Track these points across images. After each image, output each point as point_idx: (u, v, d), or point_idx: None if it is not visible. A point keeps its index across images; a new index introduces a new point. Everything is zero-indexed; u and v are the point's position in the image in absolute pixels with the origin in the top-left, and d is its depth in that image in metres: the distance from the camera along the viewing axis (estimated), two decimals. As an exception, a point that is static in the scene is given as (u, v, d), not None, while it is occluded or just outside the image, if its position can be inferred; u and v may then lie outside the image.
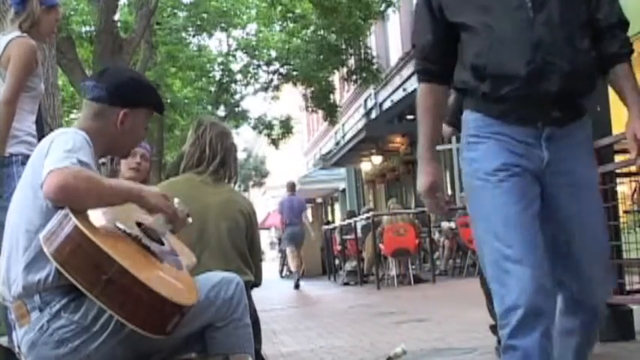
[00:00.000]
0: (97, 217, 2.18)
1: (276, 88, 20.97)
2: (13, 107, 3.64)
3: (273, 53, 20.21)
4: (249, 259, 3.43)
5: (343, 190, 29.41)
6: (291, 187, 16.11)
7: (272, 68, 20.41)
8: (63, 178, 2.08)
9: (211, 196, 3.35)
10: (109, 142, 2.44)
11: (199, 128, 3.52)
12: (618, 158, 4.58)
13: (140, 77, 2.89)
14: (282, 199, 15.97)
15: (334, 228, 16.58)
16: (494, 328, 4.56)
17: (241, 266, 3.34)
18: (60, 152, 2.17)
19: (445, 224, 12.84)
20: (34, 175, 2.24)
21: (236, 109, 21.55)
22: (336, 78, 22.25)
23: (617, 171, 4.47)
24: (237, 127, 25.77)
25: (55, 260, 2.08)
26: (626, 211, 4.68)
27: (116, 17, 11.92)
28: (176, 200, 2.56)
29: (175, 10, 18.57)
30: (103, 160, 3.32)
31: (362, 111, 25.41)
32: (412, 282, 11.66)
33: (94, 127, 2.40)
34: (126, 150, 2.58)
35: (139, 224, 2.34)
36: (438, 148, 2.59)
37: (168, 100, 17.87)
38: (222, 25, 19.44)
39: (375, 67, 19.19)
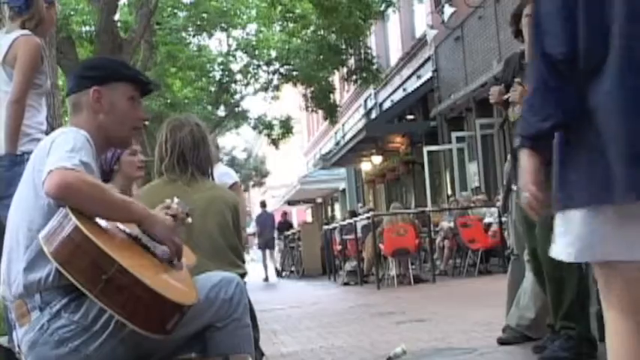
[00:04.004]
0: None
1: (276, 88, 20.99)
2: (23, 105, 3.68)
3: (273, 53, 20.23)
4: (241, 252, 3.42)
5: (343, 190, 29.43)
6: (263, 204, 20.93)
7: (272, 68, 20.43)
8: (63, 178, 2.08)
9: (193, 195, 3.30)
10: (101, 131, 2.41)
11: (162, 128, 3.52)
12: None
13: (107, 58, 2.90)
14: (258, 213, 20.90)
15: (334, 228, 16.60)
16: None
17: (234, 260, 3.32)
18: (62, 152, 2.16)
19: (445, 224, 12.85)
20: (35, 174, 2.24)
21: (236, 109, 21.56)
22: (336, 78, 22.26)
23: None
24: (237, 127, 25.82)
25: (55, 260, 2.07)
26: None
27: (116, 17, 11.92)
28: (175, 200, 2.56)
29: (175, 10, 18.59)
30: None
31: (362, 111, 25.42)
32: (412, 282, 11.65)
33: (79, 120, 2.40)
34: (123, 135, 2.50)
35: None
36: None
37: (168, 100, 17.89)
38: (222, 25, 19.46)
39: (375, 67, 19.21)
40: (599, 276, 1.98)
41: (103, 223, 2.19)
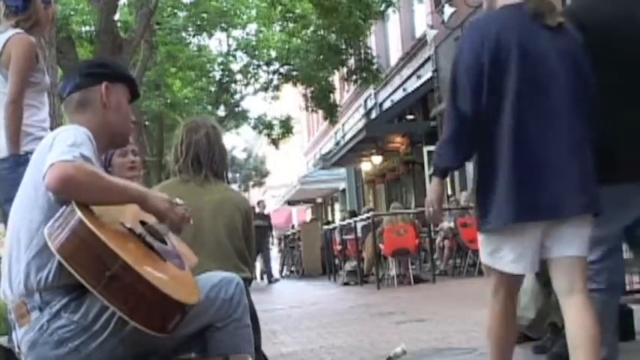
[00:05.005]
0: (102, 214, 2.18)
1: (276, 88, 20.97)
2: (20, 105, 3.69)
3: (273, 53, 20.22)
4: (247, 256, 3.43)
5: (343, 190, 29.42)
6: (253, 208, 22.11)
7: (272, 68, 20.42)
8: (64, 170, 2.08)
9: (204, 196, 3.35)
10: (105, 129, 2.42)
11: (178, 129, 3.57)
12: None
13: (110, 59, 2.94)
14: None
15: (334, 228, 16.60)
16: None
17: (238, 264, 3.34)
18: (62, 147, 2.16)
19: (445, 224, 12.85)
20: (36, 172, 2.23)
21: (236, 109, 21.55)
22: (336, 78, 22.24)
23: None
24: (237, 127, 25.78)
25: (59, 255, 2.07)
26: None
27: (116, 17, 11.91)
28: (177, 200, 2.56)
29: (175, 10, 18.57)
30: None
31: (362, 111, 25.41)
32: (412, 282, 11.65)
33: (84, 118, 2.40)
34: (126, 133, 2.55)
35: (142, 223, 2.34)
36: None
37: (168, 100, 17.88)
38: (222, 25, 19.45)
39: (375, 67, 19.18)
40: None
41: (107, 219, 2.19)
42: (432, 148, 17.25)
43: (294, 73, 19.63)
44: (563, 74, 2.69)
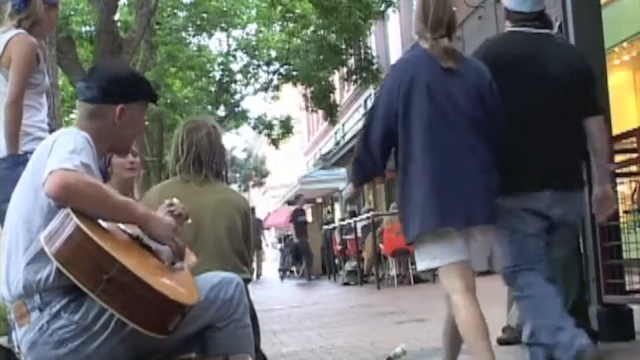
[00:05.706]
0: None
1: (276, 88, 20.97)
2: (20, 106, 3.70)
3: (273, 53, 20.22)
4: (246, 257, 3.44)
5: (343, 190, 29.41)
6: (252, 210, 22.87)
7: (272, 68, 20.42)
8: (64, 179, 2.08)
9: (204, 196, 3.35)
10: (109, 139, 2.43)
11: (178, 129, 3.57)
12: (618, 158, 4.57)
13: (130, 71, 2.89)
14: None
15: (334, 228, 16.60)
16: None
17: (239, 264, 3.35)
18: (63, 153, 2.16)
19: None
20: (35, 175, 2.24)
21: (236, 109, 21.55)
22: (336, 78, 22.23)
23: (617, 171, 4.46)
24: (237, 127, 25.78)
25: (56, 260, 2.07)
26: (626, 211, 4.67)
27: (116, 17, 11.91)
28: (175, 200, 2.56)
29: (175, 10, 18.58)
30: None
31: (362, 111, 25.39)
32: (412, 282, 11.66)
33: (92, 126, 2.39)
34: (127, 145, 2.54)
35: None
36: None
37: (168, 100, 17.88)
38: (222, 25, 19.46)
39: (375, 67, 19.18)
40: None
41: (104, 223, 2.19)
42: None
43: (294, 73, 19.63)
44: (469, 108, 3.11)
